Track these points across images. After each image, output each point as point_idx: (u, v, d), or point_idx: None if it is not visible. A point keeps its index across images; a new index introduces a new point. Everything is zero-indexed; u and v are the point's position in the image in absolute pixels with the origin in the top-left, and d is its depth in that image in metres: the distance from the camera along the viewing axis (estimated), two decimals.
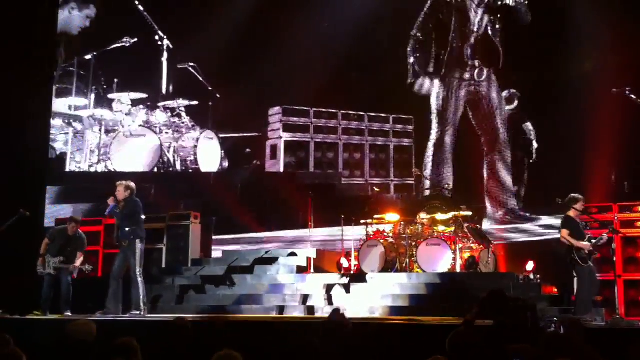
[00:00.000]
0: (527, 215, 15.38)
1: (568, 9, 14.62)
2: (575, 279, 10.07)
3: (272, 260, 12.47)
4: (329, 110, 17.24)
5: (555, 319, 8.41)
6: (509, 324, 6.13)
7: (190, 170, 16.04)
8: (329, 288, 11.20)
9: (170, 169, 15.77)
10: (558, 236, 10.07)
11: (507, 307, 6.36)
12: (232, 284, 11.81)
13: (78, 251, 11.17)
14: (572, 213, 9.92)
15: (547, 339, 5.10)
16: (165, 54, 16.50)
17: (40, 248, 11.14)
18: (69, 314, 10.69)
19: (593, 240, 9.75)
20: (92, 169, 15.53)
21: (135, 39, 16.24)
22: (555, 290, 11.23)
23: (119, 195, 10.63)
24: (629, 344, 5.13)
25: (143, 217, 10.85)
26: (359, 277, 11.51)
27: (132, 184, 10.75)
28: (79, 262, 11.09)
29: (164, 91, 16.50)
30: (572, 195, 10.04)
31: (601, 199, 12.04)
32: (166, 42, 16.43)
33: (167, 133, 15.88)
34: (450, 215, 12.22)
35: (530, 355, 4.76)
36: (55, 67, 14.80)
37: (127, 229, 10.52)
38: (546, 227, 14.42)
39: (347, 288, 11.19)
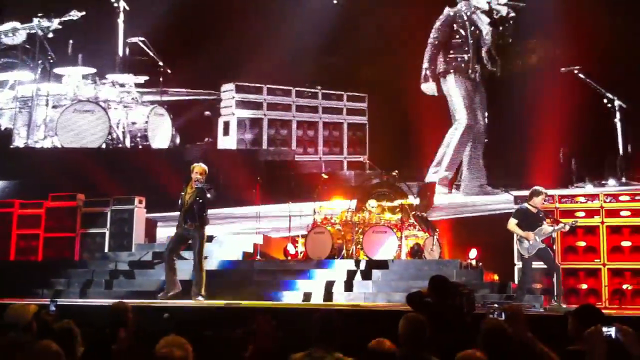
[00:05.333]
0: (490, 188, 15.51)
1: None
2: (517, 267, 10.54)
3: (217, 245, 12.34)
4: (282, 87, 17.05)
5: (495, 305, 8.53)
6: (447, 308, 6.22)
7: (140, 147, 15.78)
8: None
9: (120, 146, 15.51)
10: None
11: (448, 292, 6.45)
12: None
13: None
14: (528, 204, 10.11)
15: (487, 326, 5.08)
16: (122, 16, 16.10)
17: None
18: None
19: (550, 228, 10.03)
20: (38, 145, 15.18)
21: (84, 12, 15.76)
22: (496, 277, 11.35)
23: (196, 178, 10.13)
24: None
25: None
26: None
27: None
28: None
29: (120, 54, 16.10)
30: (536, 188, 10.18)
31: (549, 179, 12.16)
32: (122, 3, 16.00)
33: (116, 109, 15.56)
34: (396, 203, 12.23)
35: None
36: None
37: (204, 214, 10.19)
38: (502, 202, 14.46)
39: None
